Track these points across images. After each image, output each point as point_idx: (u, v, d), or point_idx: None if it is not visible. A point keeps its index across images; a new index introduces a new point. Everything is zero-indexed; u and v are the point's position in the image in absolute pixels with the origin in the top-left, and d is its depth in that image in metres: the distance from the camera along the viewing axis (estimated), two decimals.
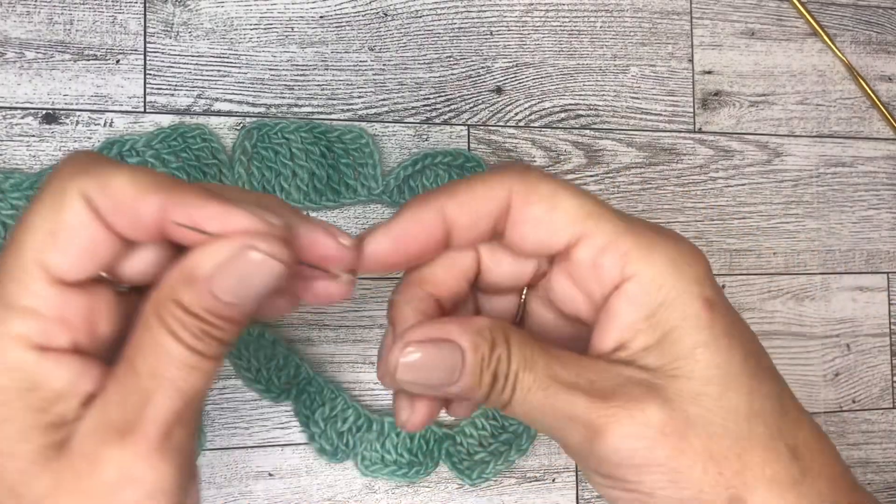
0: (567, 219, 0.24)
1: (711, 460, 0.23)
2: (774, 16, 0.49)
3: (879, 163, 0.50)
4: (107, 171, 0.23)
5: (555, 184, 0.24)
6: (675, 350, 0.23)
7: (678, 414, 0.23)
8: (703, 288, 0.23)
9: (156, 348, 0.22)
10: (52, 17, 0.39)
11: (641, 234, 0.24)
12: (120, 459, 0.21)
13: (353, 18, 0.43)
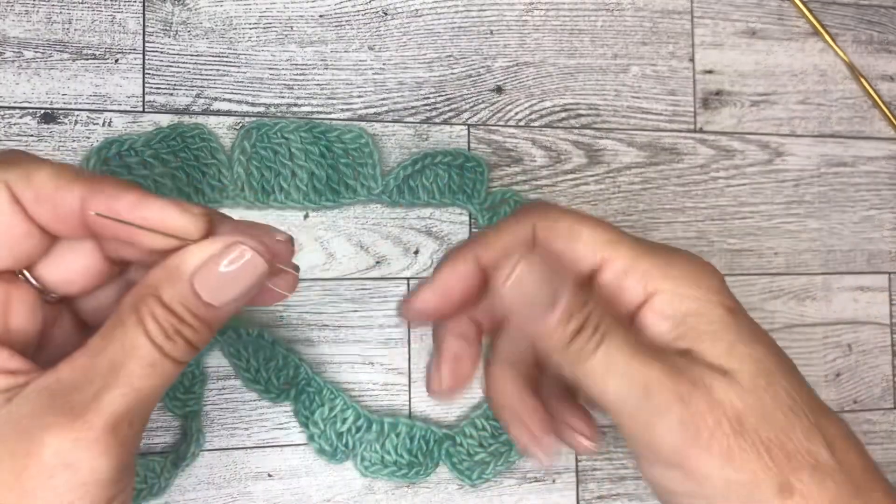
0: (587, 248, 0.26)
1: (762, 446, 0.24)
2: (776, 15, 0.49)
3: (881, 162, 0.50)
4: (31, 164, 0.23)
5: (573, 217, 0.26)
6: (713, 352, 0.24)
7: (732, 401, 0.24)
8: (723, 297, 0.25)
9: (124, 341, 0.22)
10: (51, 16, 0.39)
11: (658, 255, 0.26)
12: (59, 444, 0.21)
13: (353, 17, 0.43)
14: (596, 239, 0.26)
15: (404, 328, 0.42)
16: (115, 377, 0.22)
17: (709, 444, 0.24)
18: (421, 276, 0.43)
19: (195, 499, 0.40)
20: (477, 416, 0.42)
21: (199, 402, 0.39)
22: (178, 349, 0.23)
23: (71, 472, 0.21)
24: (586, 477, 0.44)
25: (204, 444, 0.40)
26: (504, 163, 0.44)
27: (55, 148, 0.39)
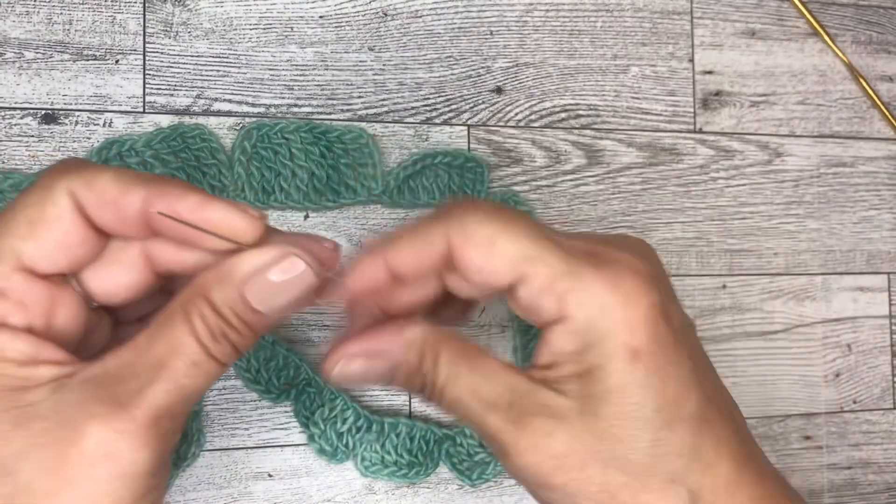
0: (504, 263, 0.25)
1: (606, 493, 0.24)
2: (775, 16, 0.49)
3: (880, 163, 0.50)
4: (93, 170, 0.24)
5: (494, 226, 0.25)
6: (594, 387, 0.24)
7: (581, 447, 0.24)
8: (633, 335, 0.24)
9: (172, 338, 0.23)
10: (52, 17, 0.39)
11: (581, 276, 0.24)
12: (102, 434, 0.22)
13: (353, 18, 0.43)
14: (513, 254, 0.25)
15: None
16: (160, 373, 0.23)
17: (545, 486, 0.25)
18: None
19: (196, 499, 0.40)
20: None
21: (199, 402, 0.39)
22: (223, 351, 0.24)
23: (112, 462, 0.22)
24: None
25: (204, 444, 0.40)
26: (504, 163, 0.44)
27: (55, 148, 0.39)
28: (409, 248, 0.26)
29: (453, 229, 0.25)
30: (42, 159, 0.39)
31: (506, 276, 0.25)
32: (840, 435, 0.48)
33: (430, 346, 0.26)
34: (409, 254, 0.26)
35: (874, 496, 0.48)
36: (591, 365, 0.24)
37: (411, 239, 0.26)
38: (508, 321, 0.44)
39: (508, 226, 0.25)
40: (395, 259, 0.26)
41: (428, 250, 0.26)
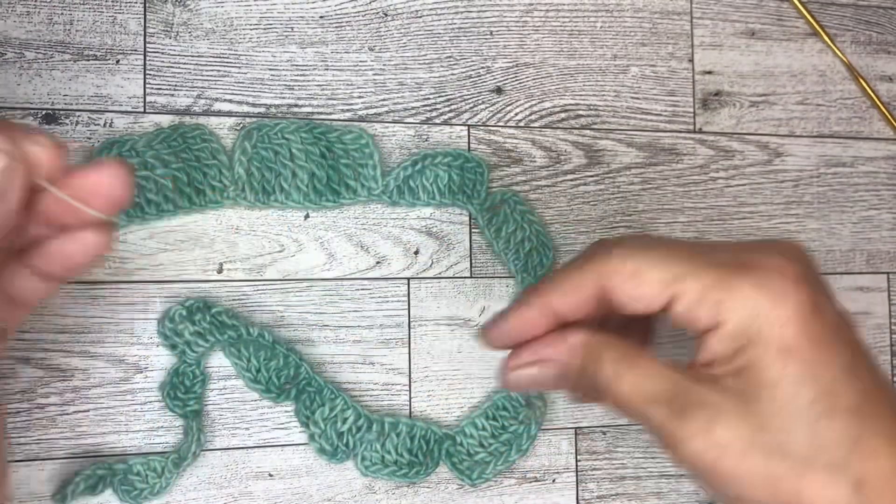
0: (654, 289, 0.27)
1: (767, 479, 0.26)
2: (775, 16, 0.49)
3: (880, 163, 0.50)
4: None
5: (638, 258, 0.28)
6: (752, 382, 0.26)
7: (742, 435, 0.26)
8: (784, 330, 0.26)
9: None
10: (52, 17, 0.39)
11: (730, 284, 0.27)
12: None
13: (353, 18, 0.43)
14: (661, 279, 0.27)
15: (405, 328, 0.43)
16: None
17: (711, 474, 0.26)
18: (421, 275, 0.43)
19: (196, 498, 0.40)
20: (477, 416, 0.42)
21: (199, 401, 0.39)
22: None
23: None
24: (586, 477, 0.44)
25: (205, 443, 0.40)
26: (504, 163, 0.44)
27: None
28: (568, 292, 0.29)
29: (600, 270, 0.28)
30: None
31: (658, 299, 0.27)
32: None
33: (592, 349, 0.28)
34: (569, 296, 0.29)
35: None
36: (745, 364, 0.26)
37: (566, 284, 0.29)
38: None
39: (650, 253, 0.28)
40: (556, 302, 0.29)
41: (583, 292, 0.28)
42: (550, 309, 0.29)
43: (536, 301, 0.29)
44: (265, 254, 0.41)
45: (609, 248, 0.28)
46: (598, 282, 0.28)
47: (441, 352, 0.43)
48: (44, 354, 0.38)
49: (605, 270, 0.28)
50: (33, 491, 0.38)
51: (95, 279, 0.39)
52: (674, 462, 0.29)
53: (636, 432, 0.45)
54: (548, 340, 0.29)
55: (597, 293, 0.28)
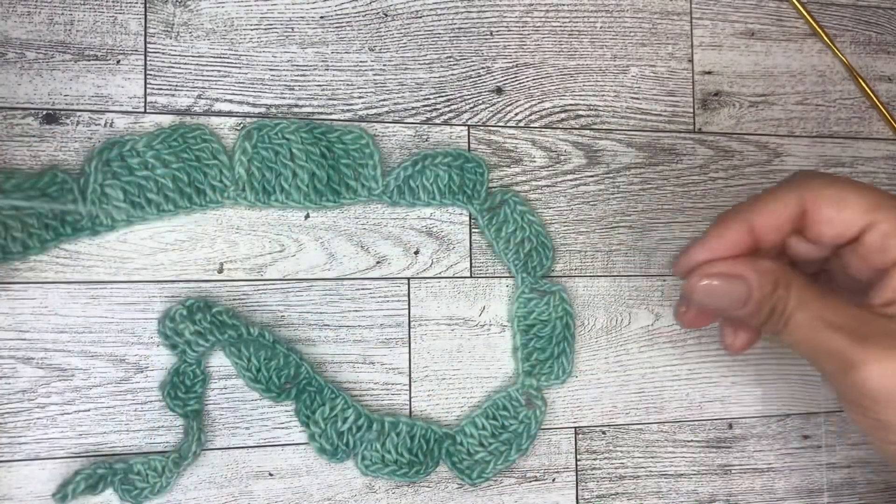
0: (855, 214, 0.28)
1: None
2: (774, 16, 0.49)
3: (879, 163, 0.50)
4: None
5: (839, 185, 0.29)
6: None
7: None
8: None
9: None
10: (53, 17, 0.39)
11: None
12: None
13: (354, 19, 0.43)
14: (863, 205, 0.28)
15: (405, 328, 0.43)
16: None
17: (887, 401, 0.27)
18: (421, 275, 0.43)
19: (197, 497, 0.40)
20: (477, 416, 0.43)
21: (200, 401, 0.40)
22: None
23: None
24: (586, 476, 0.44)
25: (205, 443, 0.40)
26: (504, 163, 0.44)
27: (57, 148, 0.39)
28: (769, 210, 0.29)
29: (805, 191, 0.29)
30: (43, 159, 0.39)
31: (856, 224, 0.28)
32: (839, 434, 0.48)
33: (782, 275, 0.29)
34: (769, 215, 0.29)
35: (873, 495, 0.49)
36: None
37: (767, 203, 0.29)
38: (508, 321, 0.44)
39: (851, 182, 0.29)
40: (757, 220, 0.29)
41: (785, 211, 0.29)
42: (750, 227, 0.29)
43: (737, 217, 0.30)
44: (265, 254, 0.41)
45: (812, 174, 0.29)
46: (801, 202, 0.29)
47: (441, 352, 0.43)
48: (44, 354, 0.39)
49: (810, 192, 0.29)
50: (34, 490, 0.38)
51: (96, 279, 0.39)
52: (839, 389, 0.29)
53: (636, 432, 0.45)
54: (741, 261, 0.29)
55: (797, 214, 0.29)
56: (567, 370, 0.44)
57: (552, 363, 0.43)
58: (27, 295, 0.38)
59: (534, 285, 0.43)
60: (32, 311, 0.38)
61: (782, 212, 0.29)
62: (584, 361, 0.45)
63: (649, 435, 0.45)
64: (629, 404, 0.45)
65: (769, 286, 0.29)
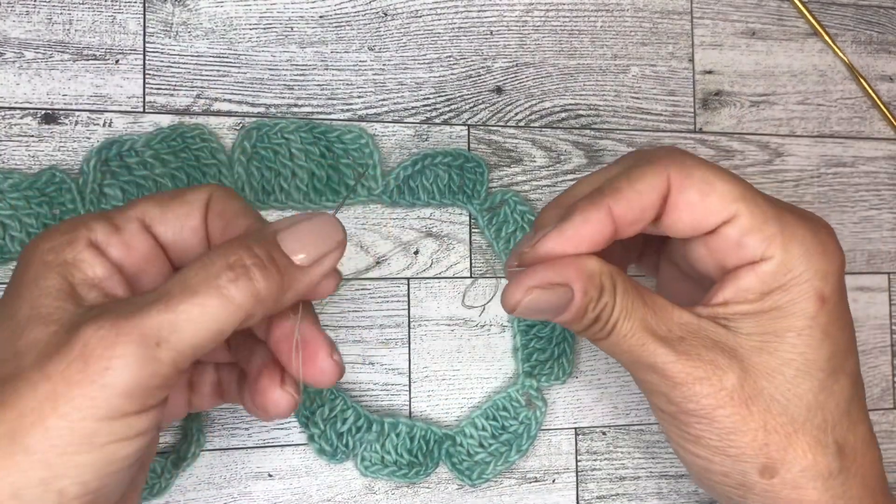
0: (720, 202, 0.26)
1: (763, 430, 0.25)
2: (775, 15, 0.49)
3: (880, 163, 0.50)
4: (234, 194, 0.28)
5: (708, 169, 0.26)
6: (771, 326, 0.26)
7: (750, 383, 0.25)
8: (825, 283, 0.26)
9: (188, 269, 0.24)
10: (52, 16, 0.39)
11: (787, 221, 0.26)
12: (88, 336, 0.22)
13: (353, 18, 0.43)
14: (729, 193, 0.26)
15: (405, 328, 0.43)
16: (162, 297, 0.23)
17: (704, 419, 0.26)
18: (421, 275, 0.43)
19: (196, 499, 0.40)
20: (477, 416, 0.42)
21: None
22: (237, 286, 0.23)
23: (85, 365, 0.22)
24: (586, 477, 0.44)
25: (204, 444, 0.40)
26: (504, 163, 0.44)
27: (56, 148, 0.39)
28: (634, 195, 0.26)
29: (673, 170, 0.26)
30: (42, 159, 0.39)
31: (719, 215, 0.26)
32: None
33: (609, 278, 0.26)
34: (633, 201, 0.26)
35: None
36: (776, 304, 0.25)
37: (632, 183, 0.26)
38: (508, 321, 0.44)
39: (720, 170, 0.26)
40: (619, 208, 0.26)
41: (650, 196, 0.26)
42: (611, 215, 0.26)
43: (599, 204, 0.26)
44: None
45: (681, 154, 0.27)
46: (665, 183, 0.26)
47: (441, 352, 0.43)
48: None
49: (678, 172, 0.26)
50: None
51: None
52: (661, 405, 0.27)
53: (636, 433, 0.45)
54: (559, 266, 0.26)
55: (661, 198, 0.26)
56: (567, 371, 0.44)
57: (552, 363, 0.43)
58: None
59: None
60: None
61: (647, 197, 0.26)
62: (585, 362, 0.45)
63: (650, 436, 0.45)
64: (630, 405, 0.45)
65: (594, 292, 0.26)
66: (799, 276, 0.25)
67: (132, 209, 0.26)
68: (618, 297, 0.26)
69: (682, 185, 0.26)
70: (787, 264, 0.25)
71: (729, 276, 0.26)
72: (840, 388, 0.26)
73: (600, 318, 0.26)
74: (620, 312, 0.26)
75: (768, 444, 0.25)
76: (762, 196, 0.26)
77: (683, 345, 0.26)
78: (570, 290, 0.25)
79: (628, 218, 0.26)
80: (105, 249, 0.25)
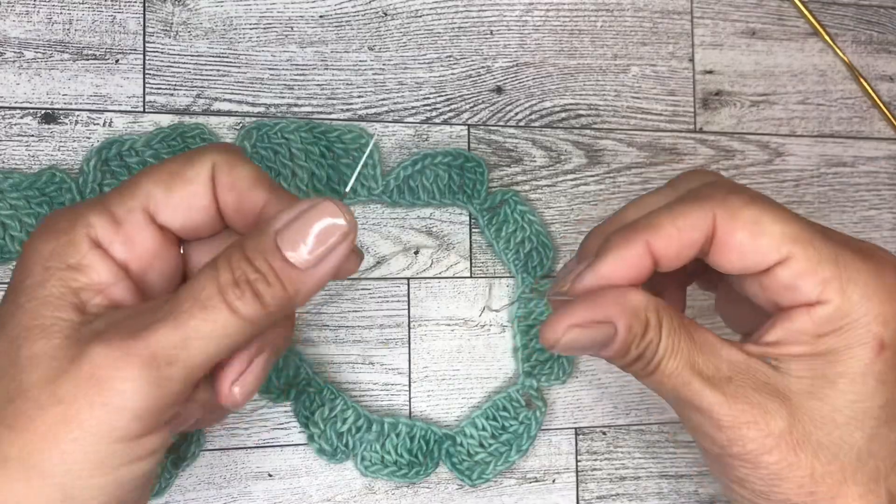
0: (772, 245, 0.24)
1: (810, 478, 0.24)
2: (775, 15, 0.49)
3: (881, 163, 0.50)
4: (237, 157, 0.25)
5: (758, 208, 0.24)
6: (823, 370, 0.24)
7: (799, 429, 0.24)
8: (884, 329, 0.24)
9: (193, 283, 0.23)
10: (52, 16, 0.39)
11: (846, 262, 0.24)
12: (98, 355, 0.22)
13: (353, 18, 0.43)
14: (781, 235, 0.24)
15: (405, 328, 0.42)
16: (171, 314, 0.22)
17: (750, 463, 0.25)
18: (421, 275, 0.43)
19: (196, 499, 0.40)
20: (477, 416, 0.42)
21: None
22: (244, 300, 0.22)
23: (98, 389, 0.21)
24: (586, 477, 0.44)
25: (204, 444, 0.40)
26: (504, 163, 0.44)
27: (55, 148, 0.39)
28: (676, 232, 0.25)
29: (719, 210, 0.24)
30: (42, 159, 0.39)
31: (770, 257, 0.24)
32: None
33: (654, 314, 0.25)
34: (675, 238, 0.25)
35: None
36: (830, 348, 0.24)
37: (674, 222, 0.25)
38: (508, 321, 0.44)
39: (772, 207, 0.25)
40: (659, 244, 0.25)
41: (693, 234, 0.25)
42: (650, 250, 0.25)
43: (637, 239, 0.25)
44: None
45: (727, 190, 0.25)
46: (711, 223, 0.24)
47: (441, 352, 0.43)
48: None
49: (724, 212, 0.24)
50: None
51: None
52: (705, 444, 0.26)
53: (636, 433, 0.45)
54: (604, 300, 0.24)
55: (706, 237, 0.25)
56: (567, 371, 0.44)
57: (552, 363, 0.43)
58: None
59: (534, 285, 0.43)
60: None
61: (689, 235, 0.25)
62: (585, 362, 0.45)
63: (650, 436, 0.45)
64: (630, 405, 0.45)
65: (639, 328, 0.24)
66: (857, 321, 0.24)
67: (133, 197, 0.25)
68: (663, 333, 0.25)
69: (730, 227, 0.24)
70: (843, 308, 0.24)
71: (783, 315, 0.25)
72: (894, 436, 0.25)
73: (644, 355, 0.25)
74: (666, 350, 0.25)
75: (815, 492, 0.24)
76: (819, 233, 0.25)
77: (731, 386, 0.24)
78: (613, 326, 0.24)
79: (669, 255, 0.25)
80: (108, 248, 0.24)
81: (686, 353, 0.25)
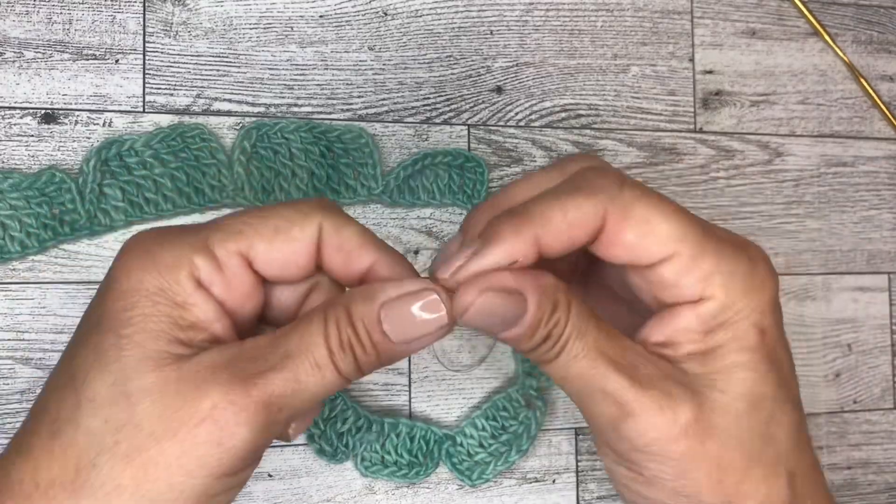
0: (658, 244, 0.24)
1: (718, 468, 0.25)
2: (775, 15, 0.49)
3: (880, 162, 0.50)
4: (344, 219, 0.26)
5: (649, 205, 0.24)
6: (716, 364, 0.25)
7: (704, 420, 0.24)
8: (763, 316, 0.25)
9: (305, 334, 0.24)
10: (51, 16, 0.39)
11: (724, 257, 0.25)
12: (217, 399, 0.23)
13: (353, 18, 0.43)
14: (668, 234, 0.24)
15: None
16: (284, 362, 0.24)
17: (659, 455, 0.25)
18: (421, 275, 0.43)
19: None
20: (477, 417, 0.42)
21: None
22: (346, 362, 0.24)
23: (215, 428, 0.23)
24: (586, 477, 0.44)
25: None
26: (504, 163, 0.44)
27: (55, 148, 0.39)
28: (564, 226, 0.24)
29: (610, 206, 0.24)
30: (42, 159, 0.39)
31: (657, 255, 0.24)
32: (840, 435, 0.48)
33: (564, 295, 0.24)
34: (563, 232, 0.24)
35: (874, 496, 0.48)
36: (717, 343, 0.25)
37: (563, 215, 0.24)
38: None
39: (661, 204, 0.25)
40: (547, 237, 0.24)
41: (582, 228, 0.24)
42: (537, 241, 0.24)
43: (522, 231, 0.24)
44: None
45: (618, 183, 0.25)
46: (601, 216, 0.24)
47: (441, 352, 0.43)
48: (43, 354, 0.38)
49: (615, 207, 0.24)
50: None
51: (94, 279, 0.39)
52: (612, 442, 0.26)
53: None
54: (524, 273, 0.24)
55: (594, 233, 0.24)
56: None
57: None
58: (25, 295, 0.38)
59: None
60: (31, 312, 0.38)
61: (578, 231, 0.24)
62: None
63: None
64: None
65: (549, 307, 0.24)
66: (739, 313, 0.25)
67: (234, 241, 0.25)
68: (571, 314, 0.24)
69: (620, 225, 0.24)
70: (726, 303, 0.25)
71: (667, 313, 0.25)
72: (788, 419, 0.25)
73: (551, 335, 0.24)
74: (573, 331, 0.24)
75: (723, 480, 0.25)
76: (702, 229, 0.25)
77: (638, 372, 0.24)
78: (524, 300, 0.24)
79: (555, 247, 0.25)
80: (209, 288, 0.25)
81: (593, 335, 0.25)
